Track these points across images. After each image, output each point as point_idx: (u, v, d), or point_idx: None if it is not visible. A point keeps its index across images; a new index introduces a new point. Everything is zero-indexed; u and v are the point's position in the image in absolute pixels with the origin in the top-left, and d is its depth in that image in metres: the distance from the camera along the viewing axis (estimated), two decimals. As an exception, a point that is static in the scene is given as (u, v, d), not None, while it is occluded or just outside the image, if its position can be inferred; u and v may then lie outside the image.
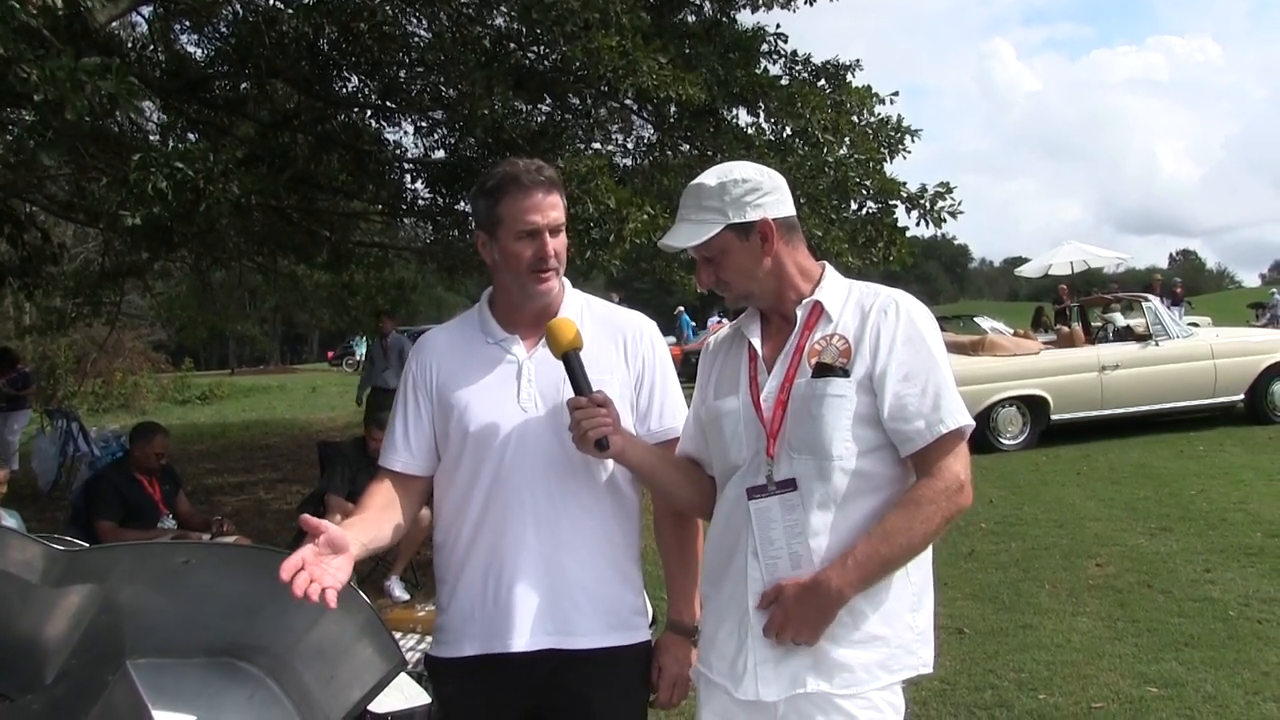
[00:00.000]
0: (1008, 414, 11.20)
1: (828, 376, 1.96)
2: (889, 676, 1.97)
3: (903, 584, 2.00)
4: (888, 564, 1.93)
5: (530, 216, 2.12)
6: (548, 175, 2.15)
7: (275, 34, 7.17)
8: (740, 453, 2.04)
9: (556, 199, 2.15)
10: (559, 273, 2.18)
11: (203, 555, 2.23)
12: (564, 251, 2.18)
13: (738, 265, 2.03)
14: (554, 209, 2.15)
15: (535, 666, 2.11)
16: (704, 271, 2.08)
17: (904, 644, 1.99)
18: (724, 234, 2.01)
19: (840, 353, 1.98)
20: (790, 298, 2.07)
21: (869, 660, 1.95)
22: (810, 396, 1.96)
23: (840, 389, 1.95)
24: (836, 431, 1.94)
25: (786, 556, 1.97)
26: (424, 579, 6.82)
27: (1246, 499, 7.90)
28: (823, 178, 7.61)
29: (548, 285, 2.17)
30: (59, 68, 3.87)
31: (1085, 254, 22.67)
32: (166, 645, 2.28)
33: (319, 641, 2.43)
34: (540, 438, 2.14)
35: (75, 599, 2.08)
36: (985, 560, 6.69)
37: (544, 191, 2.13)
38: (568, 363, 2.07)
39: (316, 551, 1.90)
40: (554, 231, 2.15)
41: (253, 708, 2.37)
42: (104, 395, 21.52)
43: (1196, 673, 4.53)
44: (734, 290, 2.08)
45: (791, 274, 2.06)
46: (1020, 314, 30.61)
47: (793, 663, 1.96)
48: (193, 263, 11.00)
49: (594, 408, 2.03)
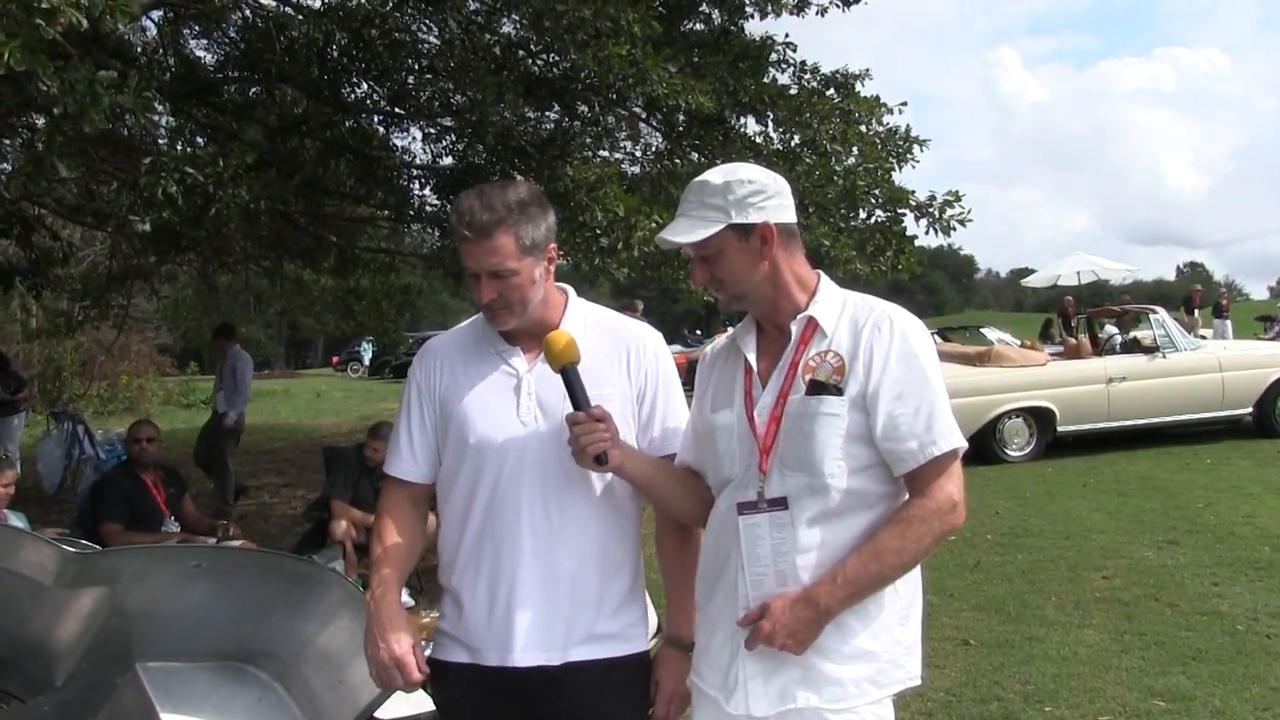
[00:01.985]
0: (1014, 425, 11.16)
1: (821, 394, 1.96)
2: (878, 691, 1.96)
3: (891, 599, 1.98)
4: (877, 581, 1.93)
5: (465, 261, 2.12)
6: (484, 221, 2.06)
7: (285, 39, 7.21)
8: (733, 467, 2.05)
9: (497, 244, 2.06)
10: (511, 310, 2.13)
11: (213, 559, 2.24)
12: (516, 290, 2.11)
13: (734, 266, 2.02)
14: (491, 255, 2.06)
15: (533, 678, 2.12)
16: (699, 270, 2.07)
17: (893, 658, 1.98)
18: (724, 233, 1.99)
19: (834, 370, 1.97)
20: (785, 308, 2.06)
21: (859, 675, 1.95)
22: (804, 414, 1.96)
23: (833, 407, 1.94)
24: (829, 450, 1.94)
25: (773, 574, 1.97)
26: (428, 585, 6.80)
27: (1254, 513, 7.87)
28: (831, 186, 7.60)
29: (500, 322, 2.16)
30: (78, 80, 3.90)
31: (1092, 265, 22.70)
32: (176, 649, 2.29)
33: (326, 647, 2.44)
34: (539, 452, 2.14)
35: (86, 601, 2.09)
36: (991, 572, 6.67)
37: (478, 240, 2.06)
38: (565, 377, 2.06)
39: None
40: (495, 275, 2.09)
41: (261, 712, 2.38)
42: (109, 398, 21.55)
43: (1204, 687, 4.51)
44: (728, 291, 2.07)
45: (787, 282, 2.05)
46: (1027, 325, 30.55)
47: (782, 677, 1.96)
48: (199, 266, 11.02)
49: (592, 423, 2.03)
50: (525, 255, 2.10)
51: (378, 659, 2.07)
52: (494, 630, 2.13)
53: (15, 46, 3.66)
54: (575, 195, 6.19)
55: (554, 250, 2.20)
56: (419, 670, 2.08)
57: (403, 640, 2.07)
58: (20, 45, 3.63)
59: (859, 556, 1.91)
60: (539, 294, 2.16)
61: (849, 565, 1.91)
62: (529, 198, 2.13)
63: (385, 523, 2.22)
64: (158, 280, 12.24)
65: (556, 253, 2.22)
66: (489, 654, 2.13)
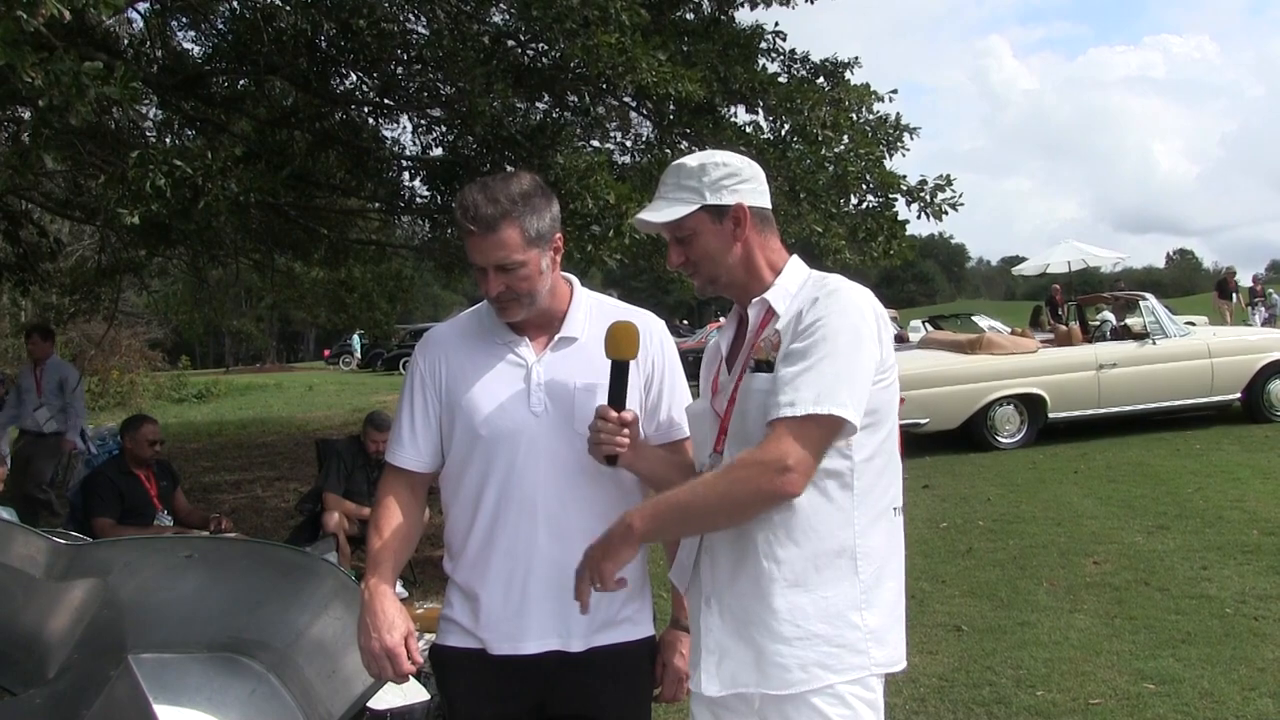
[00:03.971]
0: (1005, 412, 11.21)
1: (759, 372, 1.98)
2: (832, 676, 1.91)
3: (850, 582, 1.94)
4: (684, 513, 1.92)
5: (472, 255, 2.12)
6: (489, 215, 2.06)
7: (273, 31, 7.15)
8: (703, 452, 2.11)
9: (503, 237, 2.07)
10: (520, 302, 2.13)
11: (205, 550, 2.24)
12: (524, 282, 2.11)
13: (708, 248, 2.04)
14: (498, 249, 2.07)
15: (543, 664, 2.14)
16: (674, 251, 2.09)
17: (848, 643, 1.93)
18: (698, 214, 2.02)
19: (773, 346, 1.98)
20: (755, 291, 2.07)
21: (807, 659, 1.91)
22: (746, 392, 1.99)
23: (763, 383, 1.96)
24: (760, 425, 1.93)
25: (689, 544, 2.06)
26: (422, 577, 6.82)
27: (1243, 497, 7.92)
28: (822, 173, 7.59)
29: (509, 315, 2.16)
30: (64, 72, 3.85)
31: (1083, 253, 22.73)
32: (169, 640, 2.29)
33: (320, 637, 2.44)
34: (550, 441, 2.15)
35: (78, 593, 2.08)
36: (983, 558, 6.70)
37: (483, 234, 2.07)
38: (615, 369, 2.08)
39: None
40: (501, 269, 2.09)
41: (254, 703, 2.38)
42: (100, 393, 21.49)
43: (1193, 669, 4.54)
44: (702, 273, 2.08)
45: (759, 265, 2.07)
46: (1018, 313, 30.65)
47: (731, 661, 1.97)
48: (189, 260, 10.98)
49: (618, 426, 2.05)
50: (531, 247, 2.10)
51: (369, 649, 2.08)
52: (510, 618, 2.14)
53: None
54: (566, 183, 6.17)
55: (559, 240, 2.19)
56: (410, 662, 2.09)
57: (395, 631, 2.07)
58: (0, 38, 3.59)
59: (679, 487, 1.93)
60: (547, 284, 2.17)
61: (666, 492, 1.95)
62: (532, 189, 2.12)
63: (383, 511, 2.22)
64: (148, 274, 12.20)
65: (562, 242, 2.22)
66: (502, 642, 2.14)
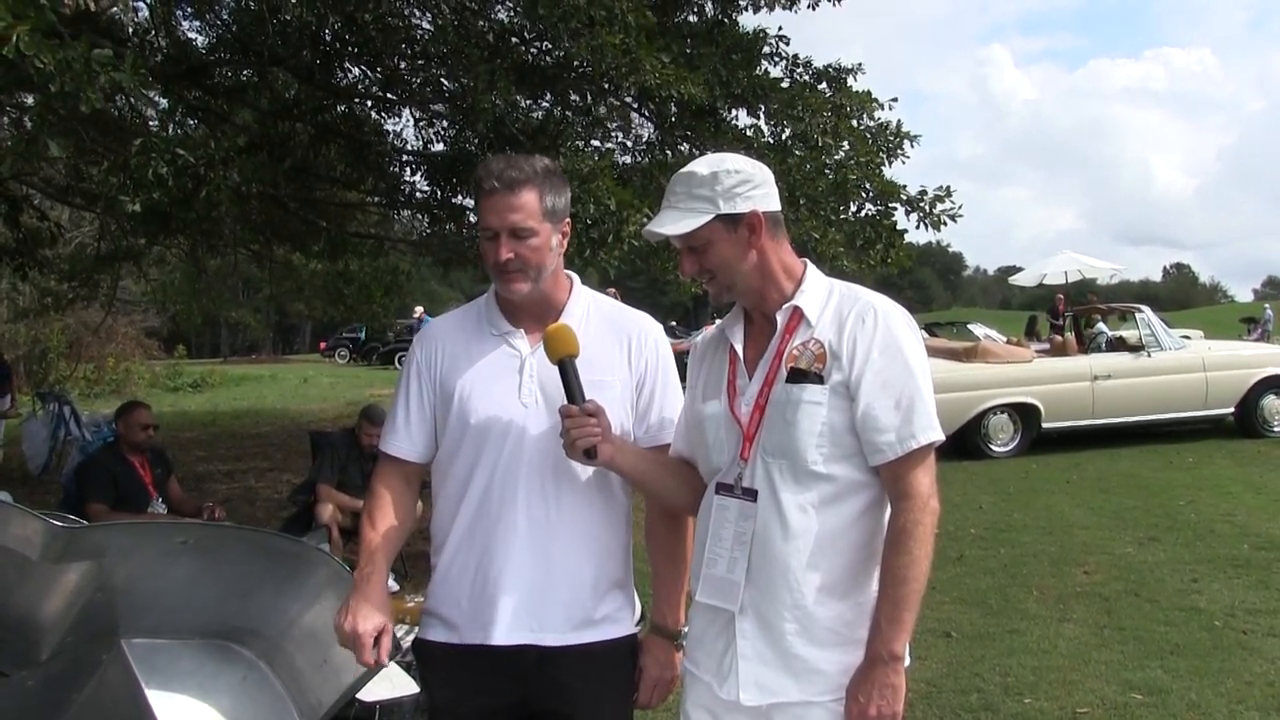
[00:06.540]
0: (999, 421, 11.23)
1: (803, 382, 1.97)
2: None
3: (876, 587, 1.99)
4: (912, 599, 1.92)
5: (487, 218, 2.11)
6: (513, 176, 2.08)
7: (278, 22, 7.15)
8: (721, 456, 2.08)
9: (522, 199, 2.08)
10: (526, 274, 2.14)
11: (200, 536, 2.24)
12: (534, 253, 2.12)
13: (723, 257, 2.03)
14: (515, 211, 2.08)
15: (520, 659, 2.13)
16: (687, 261, 2.08)
17: None
18: (712, 224, 2.00)
19: (816, 358, 1.98)
20: (772, 297, 2.07)
21: (850, 663, 1.96)
22: (786, 402, 1.98)
23: (815, 395, 1.96)
24: (810, 437, 1.95)
25: (726, 560, 2.01)
26: (413, 570, 6.81)
27: (1234, 511, 7.96)
28: (822, 179, 7.61)
29: (514, 287, 2.15)
30: (75, 58, 3.85)
31: (1080, 264, 22.69)
32: (161, 625, 2.30)
33: (312, 626, 2.45)
34: (538, 434, 2.15)
35: (73, 576, 2.09)
36: (974, 565, 6.72)
37: (504, 193, 2.08)
38: (562, 369, 2.07)
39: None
40: (515, 234, 2.10)
41: (245, 690, 2.39)
42: (95, 380, 21.46)
43: (1181, 681, 4.56)
44: (718, 281, 2.07)
45: (775, 270, 2.06)
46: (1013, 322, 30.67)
47: (771, 667, 1.98)
48: (188, 249, 10.97)
49: (584, 417, 2.03)
50: (546, 219, 2.13)
51: (339, 625, 2.06)
52: (482, 608, 2.14)
53: (24, 30, 3.60)
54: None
55: (568, 226, 2.22)
56: (372, 656, 2.06)
57: (371, 619, 2.05)
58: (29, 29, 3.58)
59: (882, 592, 1.93)
60: (553, 264, 2.19)
61: (880, 609, 1.92)
62: (553, 168, 2.18)
63: (377, 500, 2.22)
64: (146, 262, 12.19)
65: (569, 229, 2.24)
66: (475, 631, 2.14)
